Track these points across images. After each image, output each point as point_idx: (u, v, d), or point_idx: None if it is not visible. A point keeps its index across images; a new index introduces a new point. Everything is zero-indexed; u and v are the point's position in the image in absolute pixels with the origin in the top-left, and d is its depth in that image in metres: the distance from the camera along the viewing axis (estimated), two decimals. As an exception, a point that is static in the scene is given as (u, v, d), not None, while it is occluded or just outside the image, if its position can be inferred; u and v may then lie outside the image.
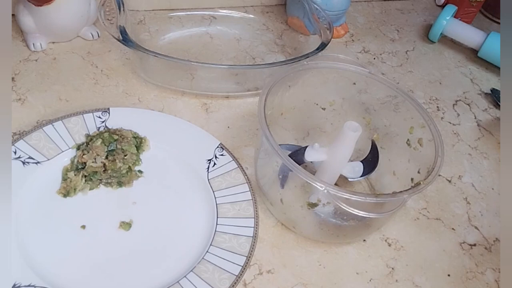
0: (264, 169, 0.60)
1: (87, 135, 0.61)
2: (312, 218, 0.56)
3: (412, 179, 0.56)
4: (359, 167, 0.59)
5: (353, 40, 0.90)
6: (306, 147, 0.57)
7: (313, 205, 0.54)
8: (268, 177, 0.59)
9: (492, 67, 0.90)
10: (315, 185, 0.49)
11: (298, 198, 0.57)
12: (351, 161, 0.60)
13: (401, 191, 0.51)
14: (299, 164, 0.50)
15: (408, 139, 0.60)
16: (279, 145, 0.51)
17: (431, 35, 0.92)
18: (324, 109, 0.65)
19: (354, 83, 0.63)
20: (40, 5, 0.68)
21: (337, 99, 0.65)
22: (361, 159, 0.62)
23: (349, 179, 0.60)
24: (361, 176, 0.60)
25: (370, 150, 0.62)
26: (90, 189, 0.58)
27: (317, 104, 0.65)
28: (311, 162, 0.59)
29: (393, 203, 0.52)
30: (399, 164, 0.61)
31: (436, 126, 0.57)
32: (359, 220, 0.54)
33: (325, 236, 0.57)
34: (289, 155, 0.59)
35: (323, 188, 0.48)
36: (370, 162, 0.61)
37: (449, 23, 0.90)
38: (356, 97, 0.64)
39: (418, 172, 0.56)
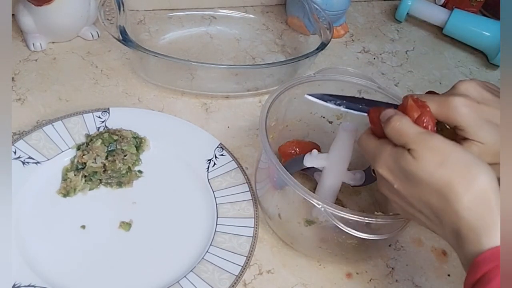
0: (264, 182, 0.58)
1: (87, 135, 0.61)
2: (312, 235, 0.55)
3: None
4: (361, 174, 0.57)
5: (353, 40, 0.90)
6: (305, 154, 0.56)
7: (310, 222, 0.53)
8: (265, 189, 0.58)
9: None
10: (312, 202, 0.47)
11: (296, 214, 0.55)
12: (355, 169, 0.58)
13: None
14: (300, 170, 0.48)
15: None
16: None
17: (398, 15, 0.95)
18: (331, 122, 0.64)
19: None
20: (40, 5, 0.68)
21: (344, 112, 0.63)
22: (365, 168, 0.59)
23: (352, 186, 0.58)
24: (364, 184, 0.58)
25: None
26: (90, 189, 0.58)
27: (323, 117, 0.64)
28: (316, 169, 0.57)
29: (395, 224, 0.50)
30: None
31: None
32: (360, 239, 0.51)
33: (325, 255, 0.56)
34: (287, 163, 0.58)
35: (320, 206, 0.47)
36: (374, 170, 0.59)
37: (414, 3, 0.92)
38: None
39: None
